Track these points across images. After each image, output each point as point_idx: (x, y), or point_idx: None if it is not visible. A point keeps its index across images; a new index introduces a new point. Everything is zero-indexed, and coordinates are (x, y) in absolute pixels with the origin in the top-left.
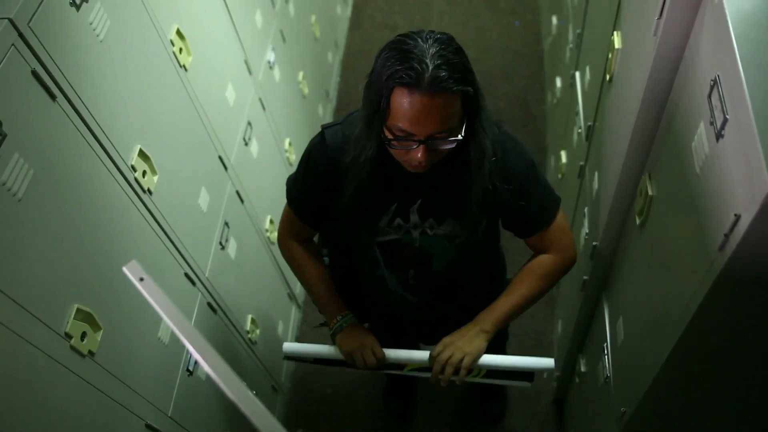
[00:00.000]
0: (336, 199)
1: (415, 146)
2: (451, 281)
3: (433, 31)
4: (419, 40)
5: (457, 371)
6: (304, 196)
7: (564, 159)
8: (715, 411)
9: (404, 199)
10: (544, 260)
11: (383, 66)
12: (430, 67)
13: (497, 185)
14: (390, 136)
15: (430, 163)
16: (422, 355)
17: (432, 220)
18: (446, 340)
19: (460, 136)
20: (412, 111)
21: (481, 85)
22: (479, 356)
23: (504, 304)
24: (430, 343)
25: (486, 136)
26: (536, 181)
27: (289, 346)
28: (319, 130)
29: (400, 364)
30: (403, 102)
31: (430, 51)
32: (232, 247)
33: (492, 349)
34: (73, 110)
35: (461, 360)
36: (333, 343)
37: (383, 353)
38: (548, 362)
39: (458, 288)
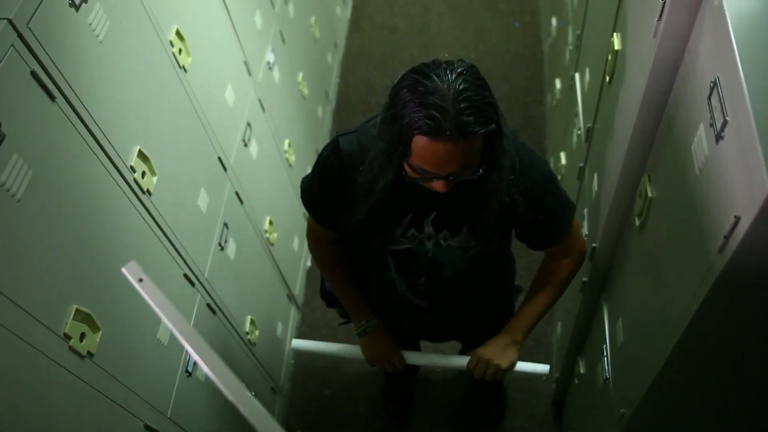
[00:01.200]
0: (349, 208)
1: (435, 180)
2: (460, 288)
3: (451, 63)
4: (437, 79)
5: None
6: (320, 203)
7: (563, 160)
8: (715, 412)
9: (419, 211)
10: (562, 266)
11: (403, 108)
12: (452, 114)
13: (515, 198)
14: (411, 172)
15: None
16: (456, 362)
17: (446, 231)
18: (480, 352)
19: (481, 171)
20: (434, 158)
21: (501, 109)
22: (513, 368)
23: (531, 312)
24: (433, 340)
25: (506, 158)
26: (554, 195)
27: (299, 343)
28: (326, 135)
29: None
30: (424, 149)
31: (451, 92)
32: (231, 248)
33: None
34: (72, 111)
35: (495, 373)
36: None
37: (404, 363)
38: (543, 368)
39: (467, 294)
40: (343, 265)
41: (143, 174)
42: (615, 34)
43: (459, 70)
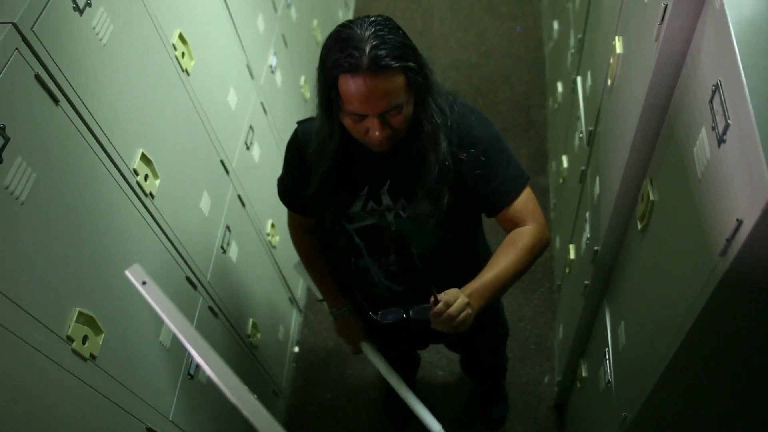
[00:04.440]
0: (309, 186)
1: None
2: (432, 267)
3: (369, 16)
4: (355, 27)
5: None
6: (288, 187)
7: (565, 164)
8: (718, 416)
9: (374, 182)
10: (525, 231)
11: (327, 57)
12: (368, 50)
13: (462, 155)
14: (349, 124)
15: (389, 140)
16: (421, 412)
17: (403, 200)
18: (454, 306)
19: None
20: (358, 94)
21: (427, 60)
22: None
23: (490, 277)
24: (422, 343)
25: (437, 108)
26: (502, 151)
27: (301, 268)
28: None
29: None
30: (348, 87)
31: (367, 34)
32: (233, 251)
33: (491, 349)
34: (75, 114)
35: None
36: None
37: (358, 352)
38: (435, 426)
39: (440, 276)
40: (319, 254)
41: (146, 177)
42: (617, 38)
43: (373, 20)
